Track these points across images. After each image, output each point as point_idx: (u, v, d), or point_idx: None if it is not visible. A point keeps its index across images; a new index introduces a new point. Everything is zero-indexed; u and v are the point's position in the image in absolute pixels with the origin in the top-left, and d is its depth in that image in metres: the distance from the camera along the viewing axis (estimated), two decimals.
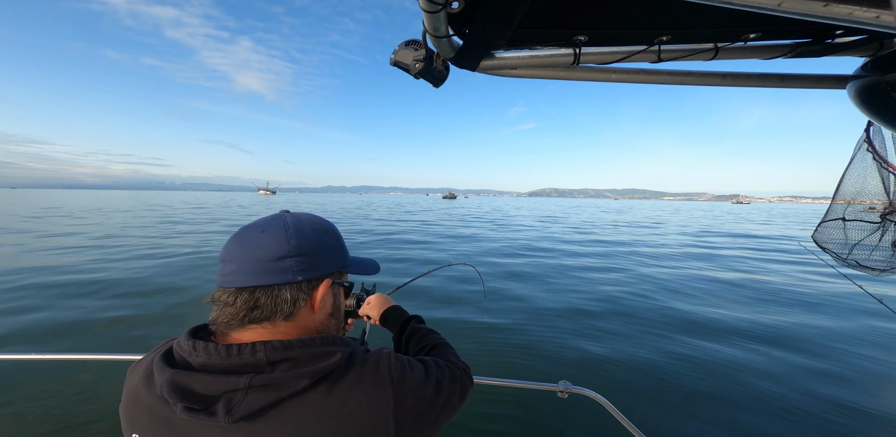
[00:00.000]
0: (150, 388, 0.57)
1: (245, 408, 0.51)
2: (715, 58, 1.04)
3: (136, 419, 0.57)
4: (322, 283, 0.65)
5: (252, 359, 0.53)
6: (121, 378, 0.63)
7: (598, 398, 1.35)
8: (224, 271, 0.60)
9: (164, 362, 0.55)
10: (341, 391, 0.55)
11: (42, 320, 4.74)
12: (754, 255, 11.12)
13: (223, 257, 0.61)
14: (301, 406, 0.53)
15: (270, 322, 0.60)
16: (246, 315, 0.59)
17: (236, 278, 0.59)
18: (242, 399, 0.51)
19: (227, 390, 0.51)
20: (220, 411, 0.51)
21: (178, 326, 4.60)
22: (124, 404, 0.60)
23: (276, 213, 0.68)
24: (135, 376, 0.61)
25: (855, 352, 4.06)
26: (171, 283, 6.62)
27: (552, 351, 4.04)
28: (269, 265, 0.59)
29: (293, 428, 0.51)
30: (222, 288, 0.60)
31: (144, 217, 21.19)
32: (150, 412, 0.56)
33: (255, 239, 0.61)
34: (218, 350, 0.54)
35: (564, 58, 1.03)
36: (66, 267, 7.73)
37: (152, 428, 0.55)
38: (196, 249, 10.32)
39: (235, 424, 0.51)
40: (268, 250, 0.59)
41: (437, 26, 0.83)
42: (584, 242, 13.65)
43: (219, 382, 0.52)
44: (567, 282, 7.18)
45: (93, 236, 12.63)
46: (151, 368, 0.58)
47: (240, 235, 0.62)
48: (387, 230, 16.55)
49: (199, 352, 0.54)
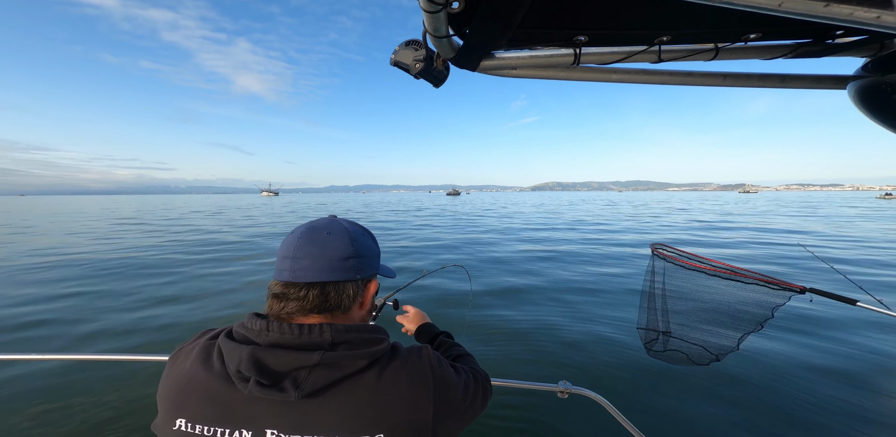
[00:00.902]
0: (208, 370, 0.60)
1: (311, 385, 0.56)
2: (715, 58, 1.04)
3: (185, 403, 0.59)
4: (372, 282, 0.73)
5: (319, 339, 0.59)
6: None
7: (598, 398, 1.35)
8: (294, 267, 0.64)
9: (235, 341, 0.60)
10: (390, 374, 0.61)
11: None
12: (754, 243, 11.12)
13: (293, 253, 0.65)
14: (356, 386, 0.58)
15: (331, 314, 0.67)
16: (315, 306, 0.65)
17: (307, 274, 0.64)
18: (307, 377, 0.56)
19: (296, 366, 0.57)
20: (289, 387, 0.56)
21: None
22: (169, 390, 0.61)
23: (326, 217, 0.75)
24: (183, 361, 0.64)
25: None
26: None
27: (552, 351, 4.04)
28: (338, 264, 0.66)
29: (349, 405, 0.57)
30: (290, 282, 0.65)
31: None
32: (206, 394, 0.58)
33: (323, 240, 0.67)
34: (291, 329, 0.59)
35: (565, 58, 1.03)
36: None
37: (203, 411, 0.58)
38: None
39: (301, 400, 0.56)
40: (336, 250, 0.66)
41: (438, 26, 0.83)
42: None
43: (292, 358, 0.57)
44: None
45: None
46: (207, 351, 0.63)
47: (308, 235, 0.67)
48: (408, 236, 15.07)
49: (273, 331, 0.59)
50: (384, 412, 0.57)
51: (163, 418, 0.60)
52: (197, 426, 0.57)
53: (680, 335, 1.57)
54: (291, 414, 0.56)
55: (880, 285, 6.76)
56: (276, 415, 0.56)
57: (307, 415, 0.56)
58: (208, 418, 0.57)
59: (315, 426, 0.56)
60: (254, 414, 0.57)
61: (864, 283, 2.07)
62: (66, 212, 27.51)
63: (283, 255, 0.66)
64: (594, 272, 7.95)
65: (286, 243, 0.67)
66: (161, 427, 0.60)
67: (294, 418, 0.56)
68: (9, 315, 5.24)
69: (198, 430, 0.57)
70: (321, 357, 0.57)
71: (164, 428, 0.59)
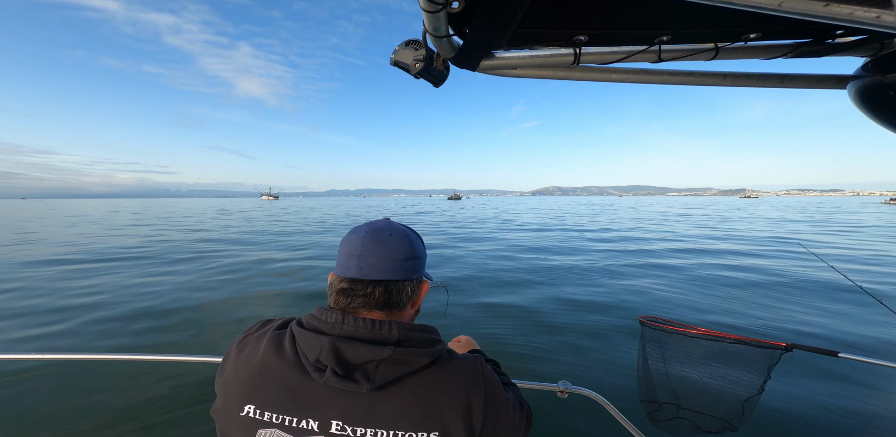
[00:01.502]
0: (281, 358, 0.62)
1: (381, 378, 0.59)
2: (715, 58, 1.04)
3: (257, 390, 0.60)
4: (424, 283, 0.76)
5: (388, 334, 0.62)
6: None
7: (598, 398, 1.35)
8: (361, 265, 0.68)
9: (314, 331, 0.62)
10: (446, 373, 0.63)
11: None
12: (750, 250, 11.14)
13: (360, 252, 0.68)
14: (417, 382, 0.61)
15: (390, 311, 0.70)
16: (378, 303, 0.68)
17: (373, 272, 0.67)
18: (375, 370, 0.59)
19: (368, 359, 0.59)
20: (361, 378, 0.58)
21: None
22: (240, 376, 0.63)
23: (381, 220, 0.78)
24: (252, 349, 0.65)
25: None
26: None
27: (553, 351, 4.04)
28: (401, 264, 0.69)
29: (411, 401, 0.59)
30: (357, 278, 0.68)
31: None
32: (278, 382, 0.60)
33: (388, 240, 0.70)
34: (365, 323, 0.63)
35: (565, 58, 1.03)
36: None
37: (274, 398, 0.59)
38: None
39: (369, 392, 0.59)
40: (399, 251, 0.70)
41: (438, 26, 0.83)
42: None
43: (366, 351, 0.59)
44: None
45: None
46: (279, 340, 0.65)
47: (372, 235, 0.70)
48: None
49: (348, 324, 0.62)
50: (441, 410, 0.59)
51: (230, 403, 0.61)
52: (266, 413, 0.59)
53: (683, 404, 1.57)
54: (357, 406, 0.58)
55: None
56: (343, 406, 0.58)
57: (371, 408, 0.58)
58: (278, 405, 0.59)
59: (378, 419, 0.58)
60: (322, 404, 0.59)
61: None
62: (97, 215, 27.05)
63: (350, 253, 0.69)
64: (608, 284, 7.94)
65: (351, 243, 0.70)
66: (225, 413, 0.62)
67: (359, 410, 0.58)
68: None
69: (266, 417, 0.59)
70: (392, 352, 0.60)
71: (230, 413, 0.61)
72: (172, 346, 4.15)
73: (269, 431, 0.58)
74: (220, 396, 0.64)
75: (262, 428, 0.58)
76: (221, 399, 0.63)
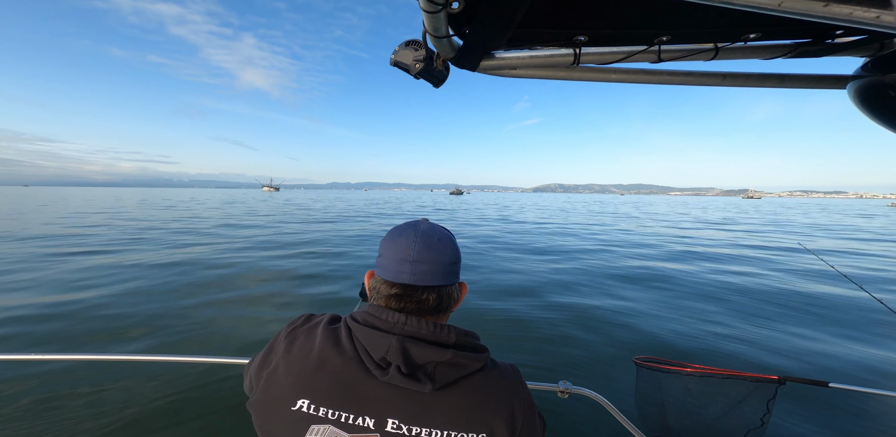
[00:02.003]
0: (340, 354, 0.62)
1: (441, 379, 0.60)
2: (715, 58, 1.04)
3: (311, 385, 0.60)
4: (464, 285, 0.77)
5: (447, 338, 0.64)
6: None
7: (598, 397, 1.35)
8: (414, 270, 0.68)
9: (373, 329, 0.63)
10: (493, 379, 0.65)
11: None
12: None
13: (413, 257, 0.68)
14: (469, 384, 0.63)
15: (439, 315, 0.72)
16: (430, 308, 0.69)
17: (426, 278, 0.68)
18: (434, 371, 0.61)
19: (430, 360, 0.60)
20: (424, 378, 0.60)
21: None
22: (296, 369, 0.62)
23: (422, 221, 0.78)
24: (305, 343, 0.65)
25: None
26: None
27: (553, 350, 4.04)
28: (449, 268, 0.70)
29: (464, 403, 0.61)
30: (410, 285, 0.68)
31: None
32: (337, 376, 0.60)
33: (437, 245, 0.70)
34: (427, 325, 0.64)
35: (564, 58, 1.03)
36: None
37: (330, 393, 0.59)
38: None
39: (429, 392, 0.60)
40: (447, 256, 0.70)
41: (438, 26, 0.83)
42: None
43: (431, 352, 0.61)
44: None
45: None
46: (335, 335, 0.65)
47: (423, 240, 0.70)
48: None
49: (411, 324, 0.64)
50: (489, 414, 0.61)
51: (280, 397, 0.60)
52: (321, 409, 0.58)
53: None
54: (414, 405, 0.59)
55: None
56: (400, 405, 0.59)
57: (427, 407, 0.59)
58: (334, 401, 0.59)
59: (432, 419, 0.59)
60: (380, 402, 0.59)
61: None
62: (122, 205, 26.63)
63: (401, 258, 0.68)
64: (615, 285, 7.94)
65: (401, 247, 0.69)
66: (272, 406, 0.61)
67: (415, 409, 0.59)
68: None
69: (321, 412, 0.58)
70: (453, 355, 0.61)
71: (279, 407, 0.60)
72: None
73: (323, 427, 0.57)
74: (265, 388, 0.63)
75: (315, 424, 0.58)
76: (267, 392, 0.62)
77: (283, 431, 0.59)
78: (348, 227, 16.67)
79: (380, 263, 0.72)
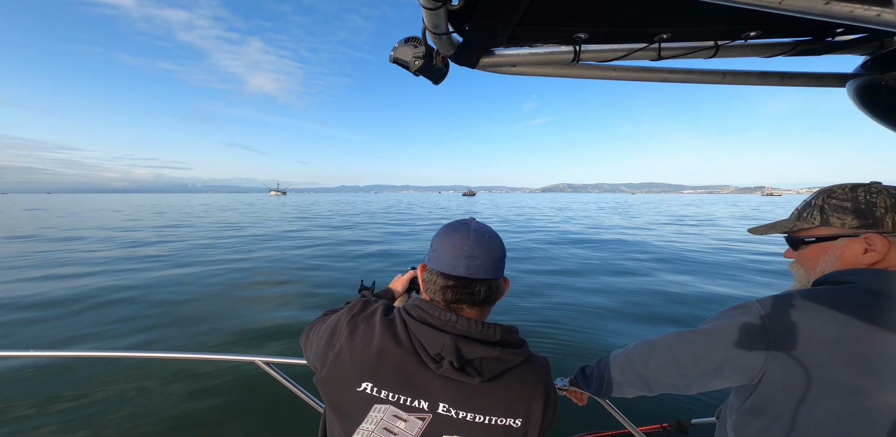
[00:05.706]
0: (399, 345, 0.70)
1: (488, 372, 0.69)
2: (715, 56, 1.04)
3: (376, 370, 0.69)
4: (507, 280, 0.83)
5: (493, 336, 0.72)
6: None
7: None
8: (469, 264, 0.73)
9: (427, 325, 0.71)
10: (531, 370, 0.75)
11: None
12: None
13: (468, 253, 0.74)
14: (511, 377, 0.72)
15: (486, 306, 0.78)
16: (481, 300, 0.76)
17: (480, 271, 0.74)
18: (481, 365, 0.69)
19: (478, 356, 0.69)
20: (473, 372, 0.68)
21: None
22: (360, 356, 0.70)
23: (470, 219, 0.83)
24: (366, 331, 0.73)
25: None
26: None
27: (551, 348, 4.05)
28: (498, 264, 0.76)
29: (506, 392, 0.70)
30: (465, 277, 0.74)
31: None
32: (397, 365, 0.69)
33: (489, 242, 0.76)
34: (476, 325, 0.72)
35: (565, 55, 1.02)
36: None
37: (392, 379, 0.68)
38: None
39: (480, 384, 0.69)
40: (496, 252, 0.77)
41: (437, 23, 0.83)
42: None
43: (479, 349, 0.69)
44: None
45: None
46: (392, 328, 0.73)
47: (477, 237, 0.76)
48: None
49: (461, 324, 0.71)
50: (527, 402, 0.71)
51: (347, 379, 0.69)
52: (383, 391, 0.68)
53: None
54: (462, 394, 0.68)
55: None
56: (451, 393, 0.68)
57: (474, 396, 0.68)
58: (395, 386, 0.68)
59: (478, 406, 0.68)
60: (434, 388, 0.68)
61: None
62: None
63: (457, 253, 0.74)
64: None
65: (456, 243, 0.75)
66: (339, 386, 0.70)
67: (464, 397, 0.68)
68: None
69: (383, 394, 0.68)
70: (499, 352, 0.69)
71: (346, 388, 0.69)
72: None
73: (385, 406, 0.68)
74: (331, 368, 0.71)
75: (377, 403, 0.68)
76: (333, 372, 0.71)
77: (349, 407, 0.69)
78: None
79: (434, 257, 0.77)
